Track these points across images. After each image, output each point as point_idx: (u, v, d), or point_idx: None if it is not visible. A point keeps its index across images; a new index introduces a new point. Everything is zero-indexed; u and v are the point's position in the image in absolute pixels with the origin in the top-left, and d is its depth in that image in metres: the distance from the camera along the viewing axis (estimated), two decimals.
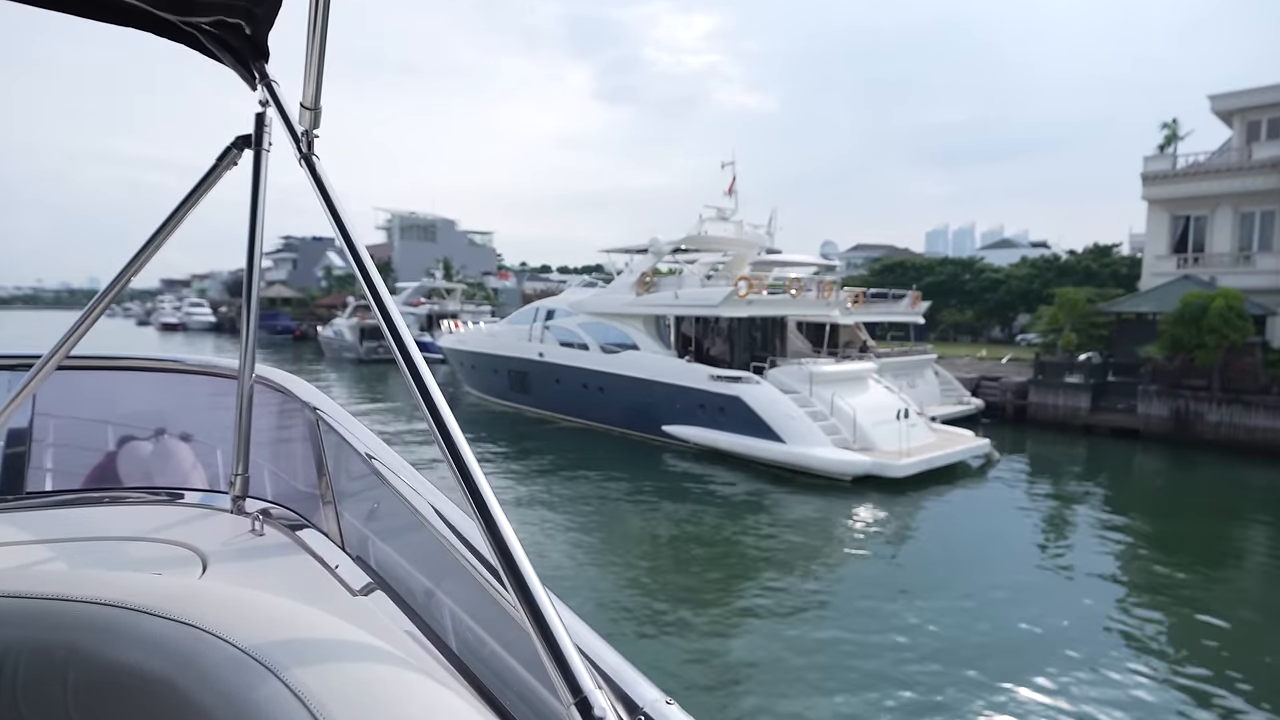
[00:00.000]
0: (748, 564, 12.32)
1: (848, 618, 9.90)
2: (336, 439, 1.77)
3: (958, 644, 9.18)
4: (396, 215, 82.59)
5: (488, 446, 21.66)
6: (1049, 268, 45.88)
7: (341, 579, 1.56)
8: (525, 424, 25.35)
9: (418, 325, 49.73)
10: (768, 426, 17.90)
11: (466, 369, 30.11)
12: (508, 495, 16.42)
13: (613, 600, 10.72)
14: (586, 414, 23.38)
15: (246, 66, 1.33)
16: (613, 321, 22.93)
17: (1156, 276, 31.02)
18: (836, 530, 14.31)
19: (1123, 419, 23.23)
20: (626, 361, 21.67)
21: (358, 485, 1.76)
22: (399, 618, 1.41)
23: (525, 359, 25.67)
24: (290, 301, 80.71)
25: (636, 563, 12.36)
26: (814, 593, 10.87)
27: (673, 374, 20.27)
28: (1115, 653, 9.14)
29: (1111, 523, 15.14)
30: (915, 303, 26.30)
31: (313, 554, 1.69)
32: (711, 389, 19.24)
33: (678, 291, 20.51)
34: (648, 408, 20.96)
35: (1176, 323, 21.98)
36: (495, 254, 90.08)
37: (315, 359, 50.06)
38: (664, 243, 21.69)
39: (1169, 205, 31.24)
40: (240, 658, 0.73)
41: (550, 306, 26.11)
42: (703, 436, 19.42)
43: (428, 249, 78.98)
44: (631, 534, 14.08)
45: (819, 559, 12.59)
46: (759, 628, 9.69)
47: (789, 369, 19.56)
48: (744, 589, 11.07)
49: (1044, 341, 32.08)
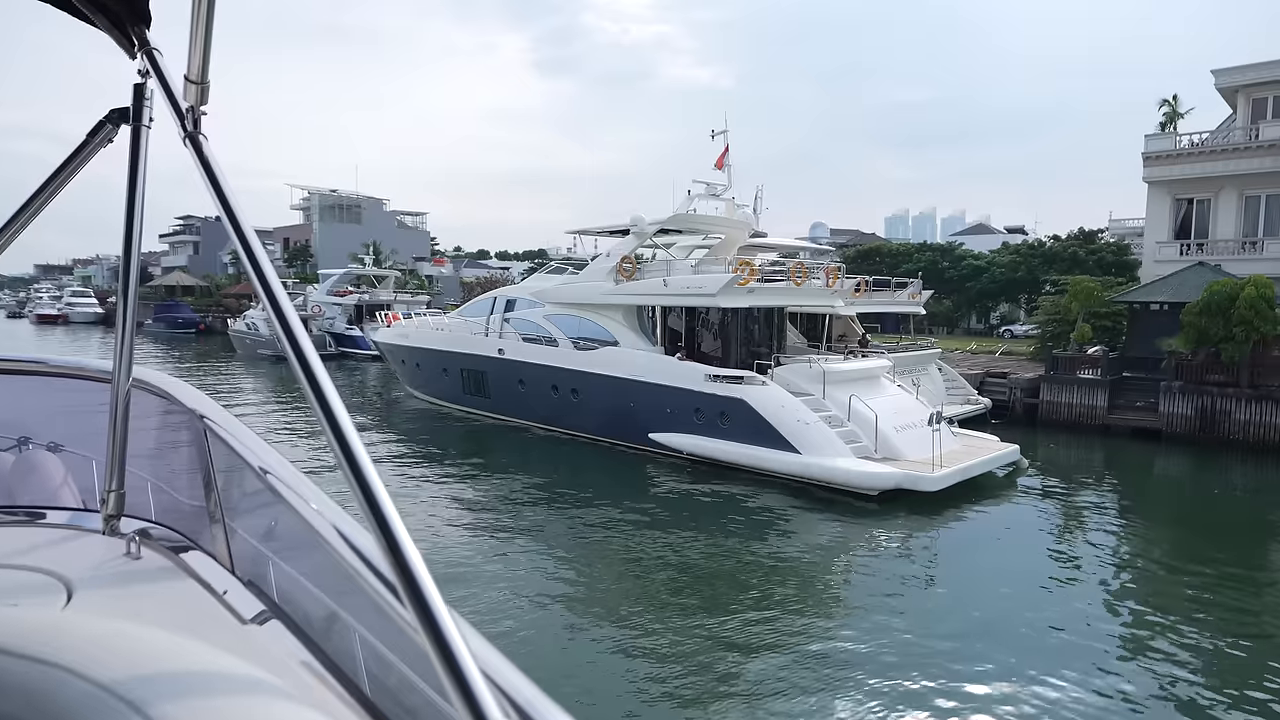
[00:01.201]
0: (758, 605, 10.89)
1: (887, 686, 8.55)
2: (226, 451, 1.73)
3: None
4: (316, 193, 78.63)
5: (434, 459, 19.80)
6: (1034, 255, 46.08)
7: (230, 606, 1.53)
8: (482, 432, 23.47)
9: (344, 318, 46.92)
10: (778, 434, 16.57)
11: (409, 368, 27.97)
12: (460, 520, 14.78)
13: (591, 660, 9.18)
14: (556, 420, 21.70)
15: (124, 31, 1.27)
16: (586, 313, 21.28)
17: (1159, 264, 31.01)
18: (864, 560, 12.99)
19: (1143, 418, 22.80)
20: (605, 359, 20.06)
21: (250, 502, 1.74)
22: (295, 648, 1.39)
23: (482, 356, 23.79)
24: (193, 291, 75.98)
25: (620, 605, 10.83)
26: (841, 653, 9.42)
27: (662, 373, 18.76)
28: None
29: (1180, 550, 14.36)
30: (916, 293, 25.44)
31: (197, 579, 1.65)
32: (709, 391, 17.81)
33: (667, 278, 18.98)
34: (631, 413, 19.41)
35: (1202, 313, 21.59)
36: (429, 237, 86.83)
37: (225, 358, 46.68)
38: (648, 223, 20.14)
39: (1171, 187, 31.25)
40: (101, 696, 0.71)
41: (510, 296, 24.28)
42: (698, 446, 17.99)
43: (352, 231, 75.46)
44: (613, 567, 12.55)
45: (844, 601, 11.25)
46: (775, 702, 8.26)
47: (796, 367, 18.28)
48: (754, 641, 9.66)
49: (1041, 334, 31.82)
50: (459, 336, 24.97)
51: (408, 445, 21.64)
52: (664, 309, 19.96)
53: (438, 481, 17.80)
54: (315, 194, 79.32)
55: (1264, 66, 29.27)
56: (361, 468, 0.81)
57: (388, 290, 49.67)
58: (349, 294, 47.55)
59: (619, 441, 19.91)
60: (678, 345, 20.18)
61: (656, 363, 19.06)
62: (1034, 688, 8.54)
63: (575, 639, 9.84)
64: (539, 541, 13.66)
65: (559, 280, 22.72)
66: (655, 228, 20.51)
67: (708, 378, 17.93)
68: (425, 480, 17.85)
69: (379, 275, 51.03)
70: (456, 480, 17.86)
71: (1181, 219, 31.43)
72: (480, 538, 13.88)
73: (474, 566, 12.28)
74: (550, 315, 22.28)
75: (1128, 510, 16.77)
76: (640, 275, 20.11)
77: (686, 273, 19.56)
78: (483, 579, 11.68)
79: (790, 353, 20.50)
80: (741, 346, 19.69)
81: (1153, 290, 25.36)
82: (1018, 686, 8.57)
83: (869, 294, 23.66)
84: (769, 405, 16.86)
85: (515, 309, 23.68)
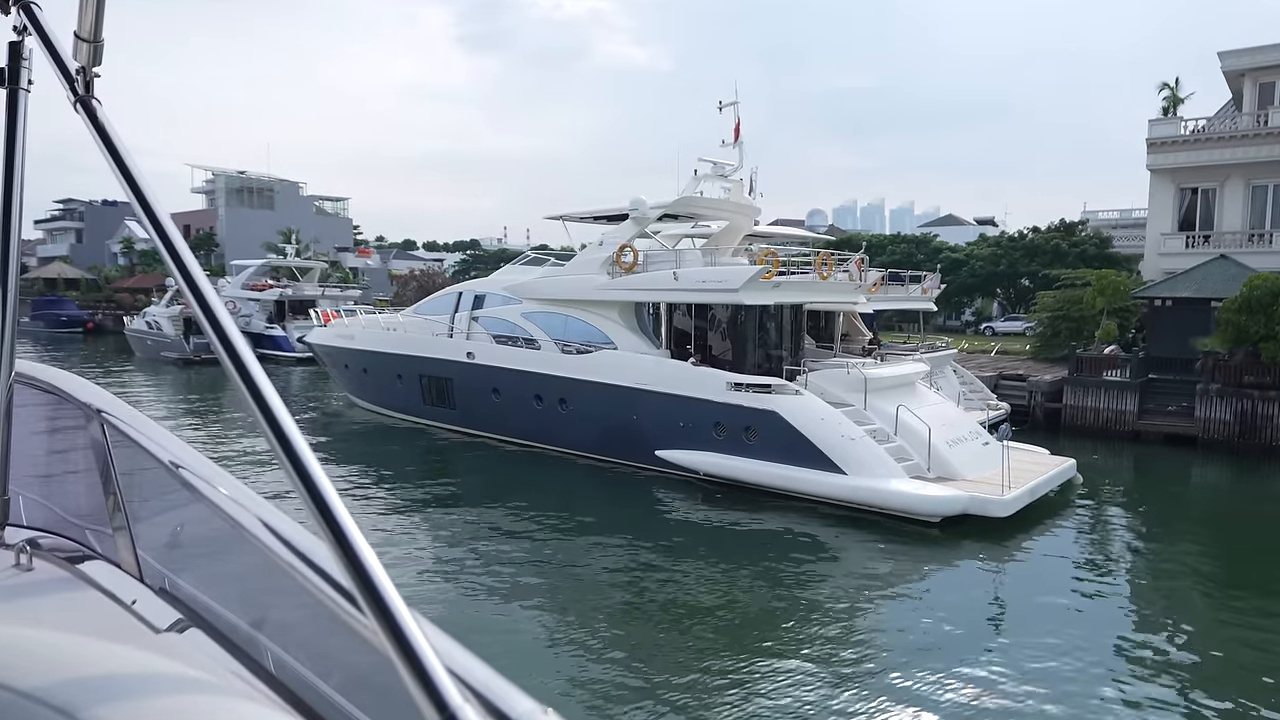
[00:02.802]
0: (803, 654, 9.53)
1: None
2: (130, 448, 1.67)
3: None
4: (221, 175, 73.91)
5: (387, 482, 17.81)
6: (1015, 247, 46.10)
7: (141, 617, 1.50)
8: (446, 449, 21.36)
9: (263, 315, 43.64)
10: (818, 452, 15.09)
11: (353, 374, 25.52)
12: (424, 557, 13.06)
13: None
14: (539, 435, 19.78)
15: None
16: (575, 311, 19.42)
17: (1165, 256, 30.94)
18: (933, 600, 11.55)
19: (1176, 424, 22.25)
20: (602, 365, 18.24)
21: (160, 503, 1.70)
22: (219, 656, 1.36)
23: (446, 361, 21.66)
24: (77, 284, 70.40)
25: (634, 659, 9.30)
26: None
27: (674, 381, 17.06)
28: None
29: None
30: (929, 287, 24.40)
31: (100, 590, 1.60)
32: (733, 401, 16.21)
33: (677, 271, 17.26)
34: (634, 427, 17.67)
35: (1240, 310, 21.11)
36: (352, 225, 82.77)
37: (122, 360, 42.84)
38: (650, 206, 18.39)
39: (1175, 176, 31.19)
40: (27, 705, 0.71)
41: (478, 291, 22.20)
42: (718, 465, 16.38)
43: (265, 218, 71.22)
44: (620, 612, 10.97)
45: (916, 648, 9.78)
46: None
47: (831, 374, 16.84)
48: (801, 703, 8.23)
49: (1043, 331, 31.40)
50: (417, 338, 22.75)
51: (353, 465, 19.43)
52: (669, 307, 18.25)
53: (393, 510, 15.82)
54: (220, 176, 74.60)
55: (1273, 49, 29.36)
56: (304, 462, 0.79)
57: (312, 284, 46.49)
58: (268, 288, 44.20)
59: (618, 460, 18.14)
60: (685, 348, 18.51)
61: (666, 369, 17.34)
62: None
63: (578, 700, 8.24)
64: (525, 582, 11.99)
65: (539, 273, 20.77)
66: (659, 212, 18.78)
67: (730, 386, 16.32)
68: (377, 508, 15.83)
69: (302, 267, 47.72)
70: (417, 508, 15.88)
71: (1185, 209, 31.41)
72: (450, 580, 12.15)
73: (442, 620, 10.49)
74: (530, 313, 20.32)
75: (1205, 533, 15.90)
76: (643, 267, 18.35)
77: (699, 264, 17.90)
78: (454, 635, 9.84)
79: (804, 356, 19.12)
80: (759, 349, 18.15)
81: (1175, 285, 24.99)
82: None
83: (884, 288, 22.46)
84: (806, 418, 15.36)
85: (485, 306, 21.63)
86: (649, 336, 18.56)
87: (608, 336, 18.73)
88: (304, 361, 40.75)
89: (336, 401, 29.18)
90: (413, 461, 21.01)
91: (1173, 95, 32.79)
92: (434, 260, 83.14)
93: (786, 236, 23.83)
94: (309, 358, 39.78)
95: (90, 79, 1.15)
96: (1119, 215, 56.06)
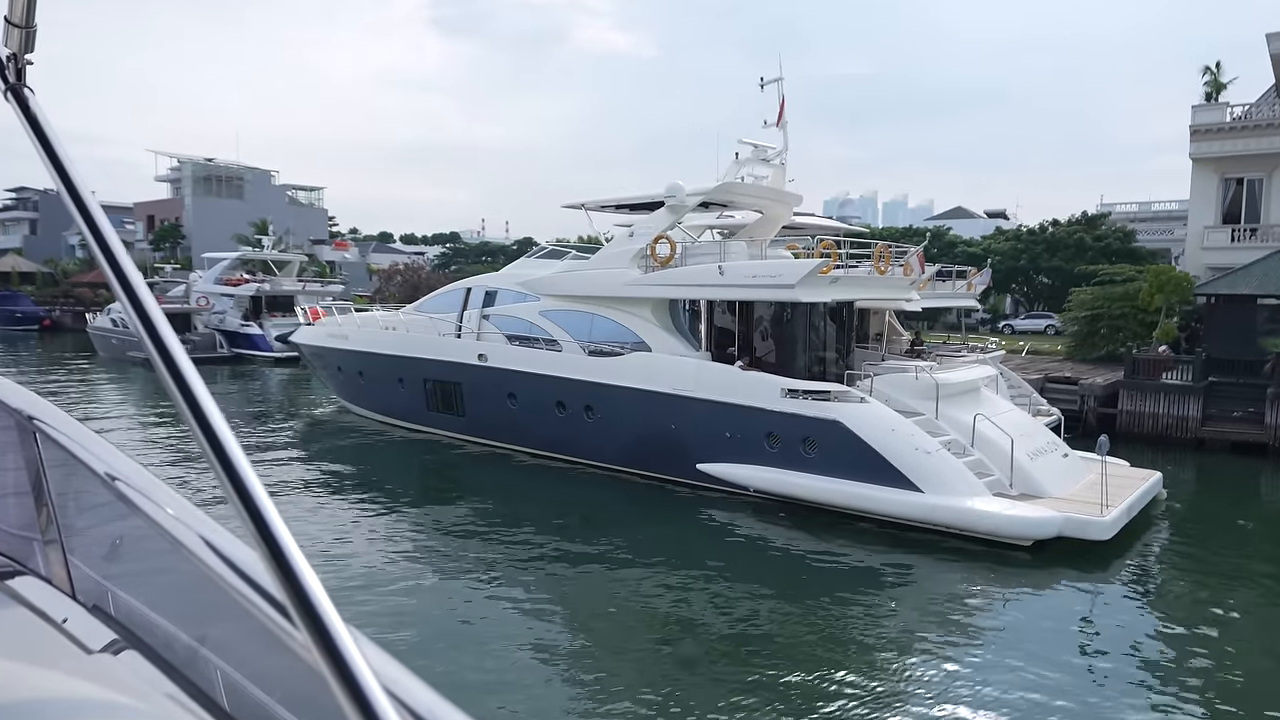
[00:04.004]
0: (882, 703, 8.45)
1: None
2: (63, 458, 1.63)
3: None
4: (188, 162, 71.73)
5: (388, 497, 16.57)
6: (1036, 241, 45.34)
7: (73, 636, 1.50)
8: (453, 461, 20.08)
9: (238, 311, 41.96)
10: (890, 467, 13.96)
11: (347, 377, 24.11)
12: (435, 584, 11.96)
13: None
14: (561, 445, 18.55)
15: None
16: (600, 309, 18.18)
17: (1208, 251, 30.21)
18: (1037, 638, 10.48)
19: (1244, 430, 21.39)
20: (635, 368, 17.02)
21: (96, 516, 1.70)
22: (155, 679, 1.36)
23: (455, 364, 20.35)
24: (33, 278, 68.02)
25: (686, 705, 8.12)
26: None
27: (719, 387, 15.88)
28: None
29: None
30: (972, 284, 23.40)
31: (30, 607, 1.60)
32: (789, 410, 15.05)
33: (723, 264, 16.06)
34: (672, 437, 16.48)
35: None
36: (327, 216, 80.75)
37: (83, 361, 40.97)
38: (688, 193, 17.16)
39: (1218, 165, 30.45)
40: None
41: (489, 287, 20.89)
42: (772, 480, 15.23)
43: (234, 208, 69.26)
44: (657, 656, 9.86)
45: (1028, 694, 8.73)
46: None
47: (896, 379, 15.73)
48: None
49: (1079, 330, 30.57)
50: (421, 338, 21.40)
51: (348, 479, 18.17)
52: (709, 304, 17.06)
53: (397, 527, 14.75)
54: (187, 163, 72.40)
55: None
56: (239, 472, 0.78)
57: (291, 278, 44.83)
58: (243, 282, 42.48)
59: (653, 474, 16.95)
60: (724, 349, 17.33)
61: (711, 373, 16.15)
62: None
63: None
64: (555, 612, 11.06)
65: (559, 268, 19.49)
66: (698, 199, 17.56)
67: (785, 393, 15.16)
68: (377, 525, 14.64)
69: (279, 260, 46.00)
70: (422, 529, 14.74)
71: (1230, 201, 30.68)
72: (466, 607, 11.09)
73: (460, 659, 9.47)
74: (549, 312, 19.06)
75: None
76: (681, 260, 17.13)
77: (745, 257, 16.72)
78: (478, 684, 8.82)
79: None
80: (806, 352, 17.01)
81: (1235, 281, 24.15)
82: None
83: (932, 285, 21.41)
84: (875, 429, 14.23)
85: (497, 304, 20.33)
86: (686, 337, 17.35)
87: (639, 337, 17.51)
88: (283, 362, 39.20)
89: (325, 406, 27.75)
90: (415, 474, 19.70)
91: (1214, 80, 32.01)
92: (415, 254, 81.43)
93: (820, 228, 22.71)
94: (289, 358, 38.25)
95: (22, 66, 1.14)
96: (1137, 208, 55.65)
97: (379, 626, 10.20)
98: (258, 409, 28.30)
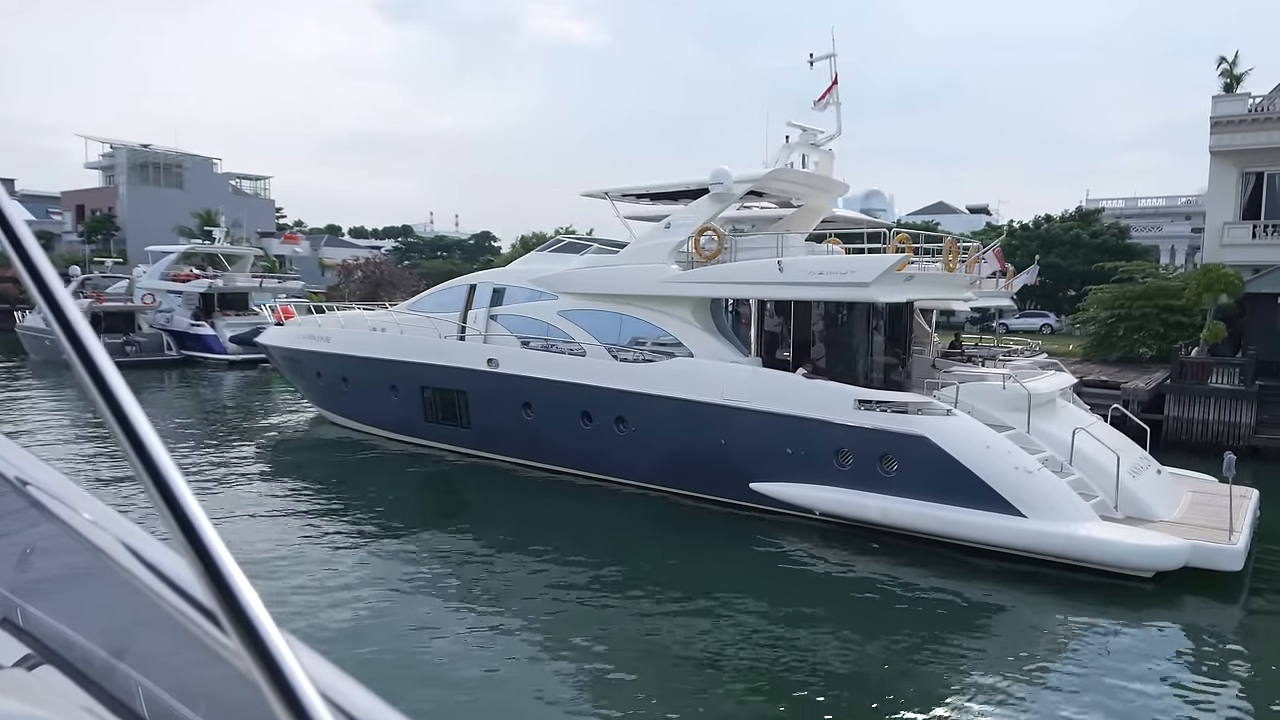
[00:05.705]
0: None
1: None
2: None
3: None
4: (123, 149, 67.88)
5: (382, 520, 14.74)
6: (1030, 237, 44.92)
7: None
8: (457, 478, 18.29)
9: (188, 310, 39.25)
10: (986, 488, 12.63)
11: (327, 383, 22.07)
12: (442, 625, 10.46)
13: None
14: (586, 461, 16.92)
15: None
16: (631, 308, 16.59)
17: (1227, 248, 29.72)
18: (1171, 687, 9.28)
19: None
20: (676, 376, 15.45)
21: (5, 524, 1.61)
22: (73, 694, 1.33)
23: (459, 369, 18.55)
24: None
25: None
26: None
27: (778, 398, 14.40)
28: None
29: None
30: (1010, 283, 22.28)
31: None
32: (862, 424, 13.63)
33: (782, 260, 14.57)
34: (722, 454, 14.97)
35: None
36: (274, 207, 77.28)
37: (13, 363, 37.87)
38: (735, 179, 15.63)
39: (1238, 159, 30.00)
40: None
41: (497, 284, 19.11)
42: (843, 502, 13.82)
43: (173, 198, 65.81)
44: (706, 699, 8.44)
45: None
46: None
47: (981, 388, 14.42)
48: None
49: (1098, 330, 29.90)
50: (417, 341, 19.52)
51: (327, 500, 16.36)
52: (760, 304, 15.57)
53: (392, 559, 12.91)
54: (121, 149, 68.54)
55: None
56: (161, 470, 0.76)
57: (245, 274, 42.19)
58: (193, 278, 39.75)
59: (698, 494, 15.43)
60: (778, 354, 15.87)
61: (767, 381, 14.66)
62: None
63: None
64: (589, 661, 9.50)
65: (579, 263, 17.81)
66: (745, 187, 16.03)
67: (859, 404, 13.74)
68: (367, 557, 12.86)
69: (230, 254, 43.27)
70: (424, 558, 13.11)
71: (1250, 194, 30.26)
72: (478, 654, 9.62)
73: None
74: (569, 311, 17.38)
75: None
76: (729, 255, 15.60)
77: (802, 251, 15.26)
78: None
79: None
80: (866, 357, 15.63)
81: (1277, 279, 23.53)
82: None
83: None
84: (967, 445, 12.89)
85: (506, 302, 18.58)
86: (732, 340, 15.85)
87: (678, 339, 15.96)
88: (238, 365, 36.71)
89: (296, 414, 25.60)
90: (410, 494, 17.86)
91: (1229, 72, 31.60)
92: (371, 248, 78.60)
93: (857, 221, 21.41)
94: (245, 360, 35.81)
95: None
96: (1124, 204, 55.88)
97: (388, 682, 8.59)
98: (213, 418, 25.99)
